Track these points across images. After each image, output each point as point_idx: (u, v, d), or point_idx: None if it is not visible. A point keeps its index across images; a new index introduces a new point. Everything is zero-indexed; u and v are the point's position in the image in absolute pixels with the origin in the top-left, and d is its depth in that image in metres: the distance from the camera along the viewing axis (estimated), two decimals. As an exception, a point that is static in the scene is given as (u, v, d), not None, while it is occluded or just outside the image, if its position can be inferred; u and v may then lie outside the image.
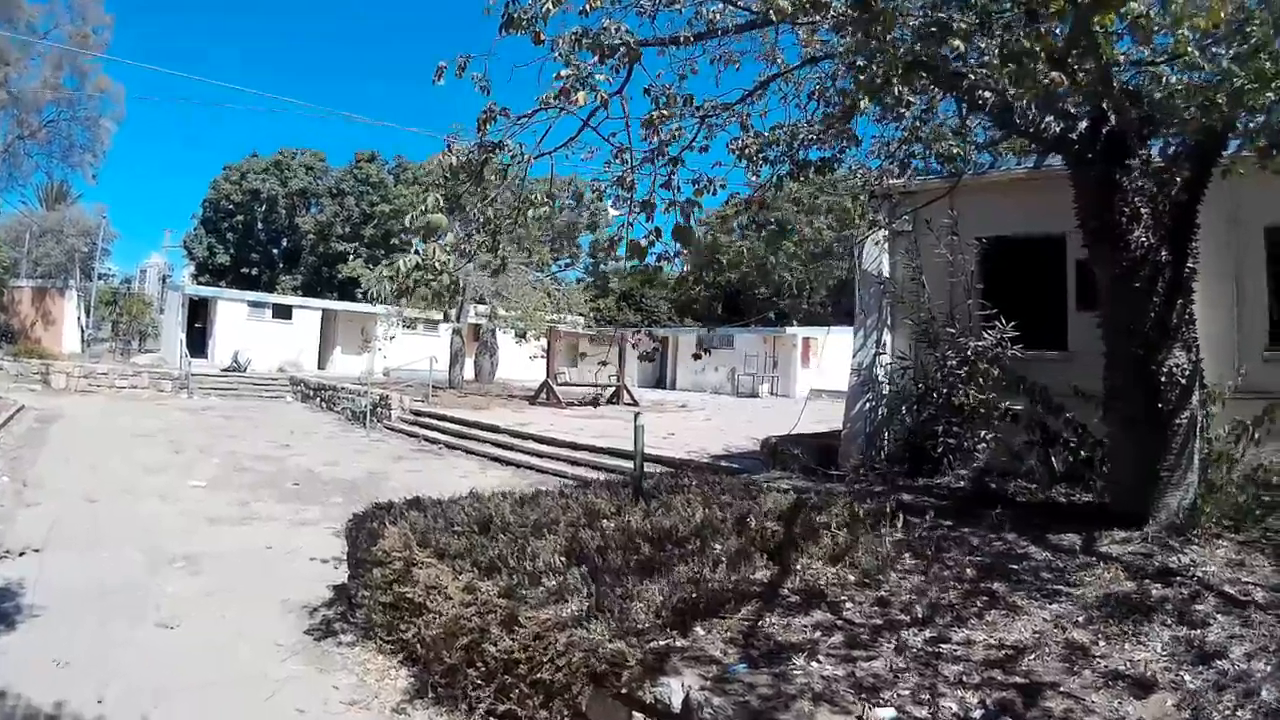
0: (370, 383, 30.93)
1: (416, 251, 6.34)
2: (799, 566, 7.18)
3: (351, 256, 60.21)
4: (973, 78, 7.58)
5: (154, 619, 8.36)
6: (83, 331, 45.04)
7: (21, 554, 10.31)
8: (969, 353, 11.92)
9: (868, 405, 14.20)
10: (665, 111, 7.55)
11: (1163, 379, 8.02)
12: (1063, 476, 10.85)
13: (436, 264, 6.14)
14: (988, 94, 7.83)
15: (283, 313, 45.63)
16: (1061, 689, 4.91)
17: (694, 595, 6.36)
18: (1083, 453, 10.56)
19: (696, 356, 11.84)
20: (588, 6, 6.50)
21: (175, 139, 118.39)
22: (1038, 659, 5.35)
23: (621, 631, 5.72)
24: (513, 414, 26.82)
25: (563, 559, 7.22)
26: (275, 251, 71.16)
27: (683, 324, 59.81)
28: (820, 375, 41.13)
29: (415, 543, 7.93)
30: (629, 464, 17.28)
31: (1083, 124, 8.19)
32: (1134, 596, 6.33)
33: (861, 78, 7.08)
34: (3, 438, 20.33)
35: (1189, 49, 6.73)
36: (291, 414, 32.03)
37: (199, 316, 44.40)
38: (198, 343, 41.51)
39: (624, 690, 5.34)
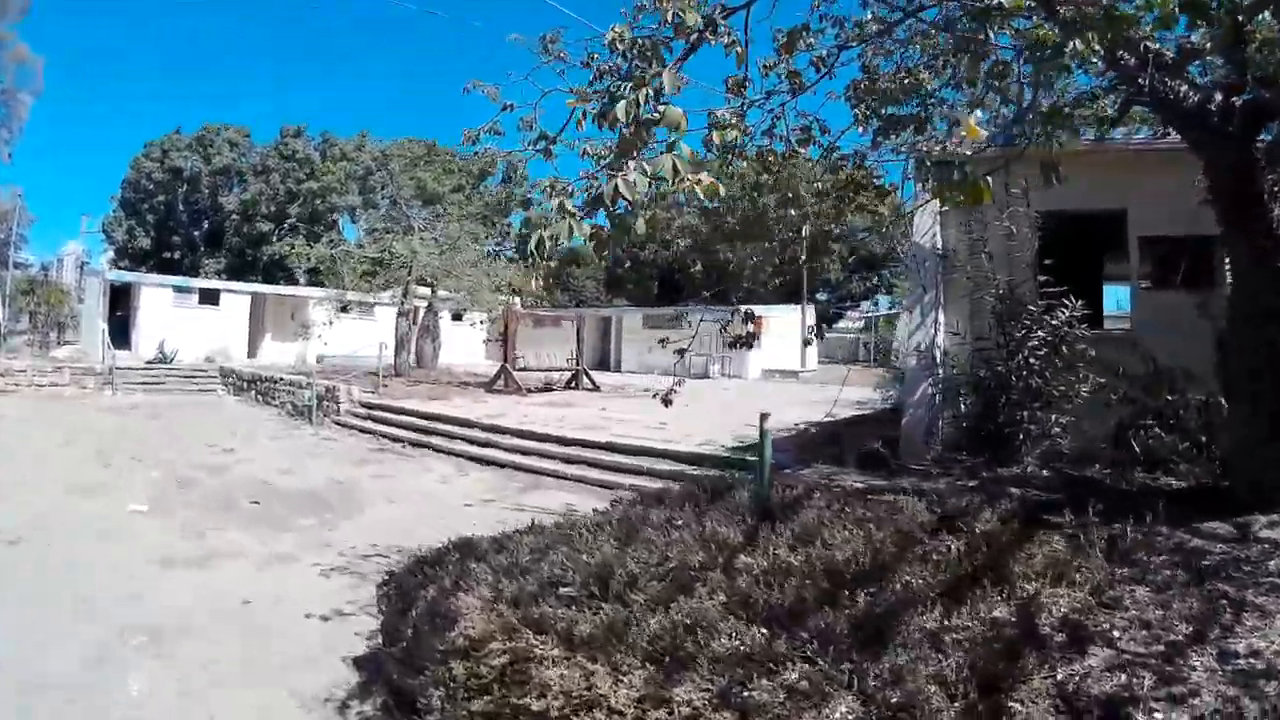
0: (311, 372, 28.34)
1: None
2: (1027, 593, 5.60)
3: (277, 235, 57.60)
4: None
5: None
6: None
7: None
8: (1047, 331, 10.97)
9: (929, 390, 12.97)
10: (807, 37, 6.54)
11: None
12: (1142, 460, 9.86)
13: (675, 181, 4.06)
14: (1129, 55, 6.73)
15: (210, 298, 42.14)
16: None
17: (970, 658, 4.75)
18: (1184, 434, 9.73)
19: (735, 345, 9.84)
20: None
21: (98, 115, 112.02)
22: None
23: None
24: (475, 404, 24.36)
25: (765, 629, 5.20)
26: (197, 233, 67.19)
27: (612, 303, 57.78)
28: (768, 356, 40.86)
29: (517, 619, 5.59)
30: (636, 460, 15.91)
31: (1218, 96, 7.41)
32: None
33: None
34: None
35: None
36: (227, 410, 28.93)
37: (121, 305, 40.82)
38: (120, 333, 37.95)
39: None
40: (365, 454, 19.38)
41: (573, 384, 31.52)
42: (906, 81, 7.87)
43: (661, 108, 4.44)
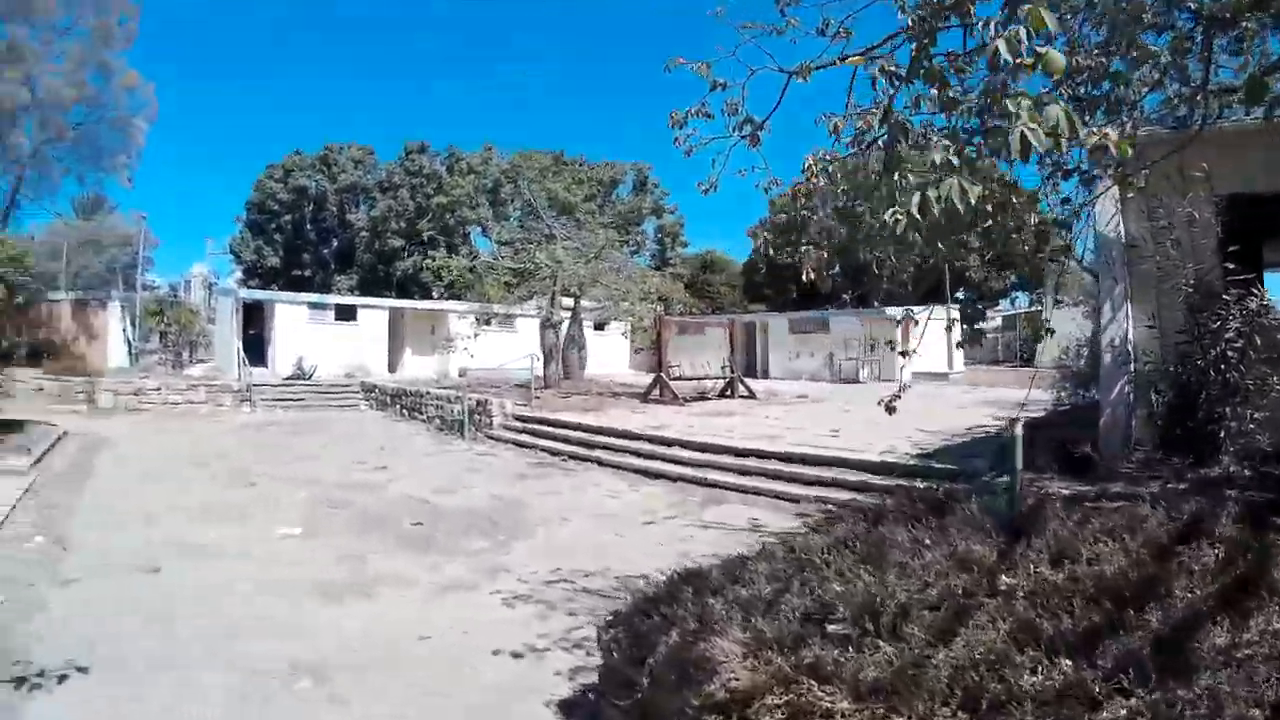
0: (460, 385, 27.76)
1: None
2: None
3: (408, 250, 58.09)
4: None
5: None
6: (129, 345, 42.29)
7: (62, 678, 6.70)
8: (1240, 321, 10.28)
9: (1125, 388, 12.23)
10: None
11: None
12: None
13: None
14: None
15: (347, 314, 42.37)
16: None
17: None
18: None
19: (905, 355, 8.89)
20: None
21: (211, 138, 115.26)
22: None
23: None
24: (633, 415, 23.35)
25: (1068, 660, 4.51)
26: (327, 251, 68.63)
27: (748, 308, 56.59)
28: (916, 358, 38.51)
29: (789, 666, 4.63)
30: (817, 471, 14.67)
31: None
32: None
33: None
34: (37, 475, 16.47)
35: None
36: (371, 425, 28.55)
37: (254, 323, 41.37)
38: (254, 350, 38.43)
39: None
40: (525, 469, 18.47)
41: (727, 392, 30.45)
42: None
43: (1042, 48, 3.82)
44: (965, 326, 50.42)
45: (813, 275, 5.78)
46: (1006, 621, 4.95)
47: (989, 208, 5.06)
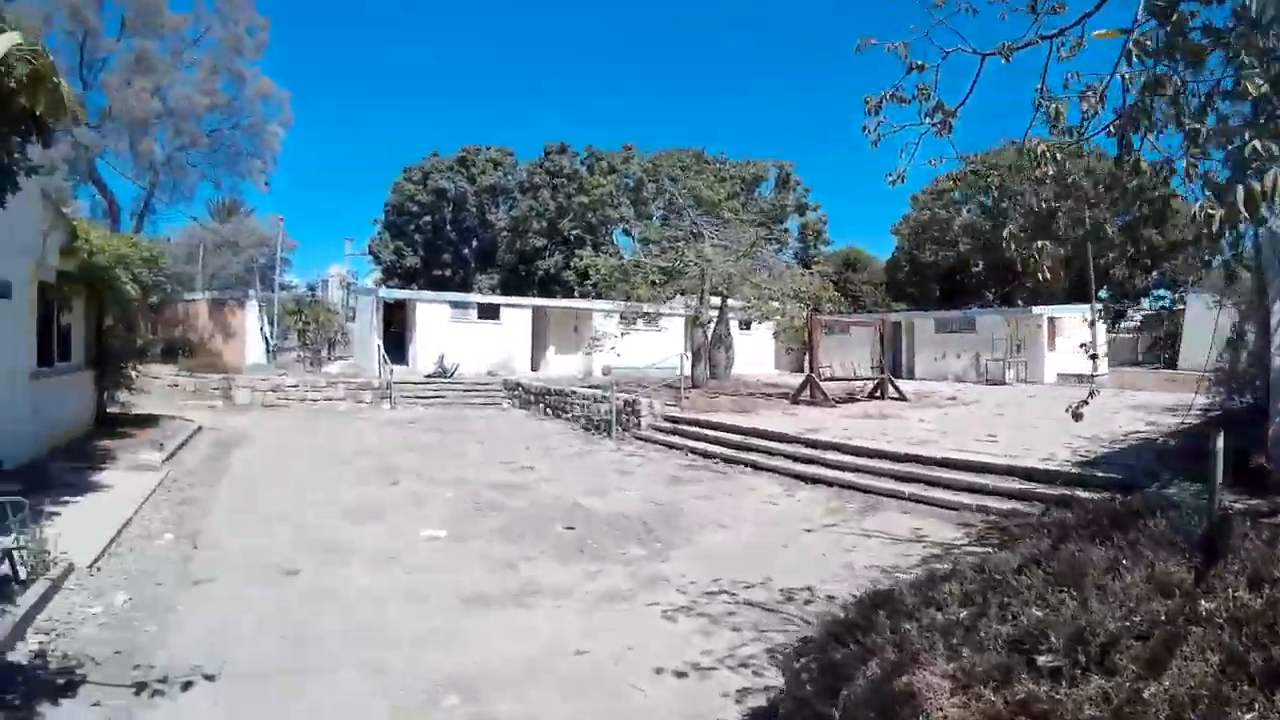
0: (607, 384, 27.41)
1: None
2: None
3: (549, 250, 58.49)
4: None
5: None
6: (267, 342, 43.82)
7: (187, 685, 6.50)
8: None
9: None
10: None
11: None
12: None
13: None
14: None
15: (489, 312, 42.88)
16: None
17: None
18: None
19: (1093, 358, 7.99)
20: None
21: (344, 142, 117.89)
22: None
23: None
24: (785, 417, 22.65)
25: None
26: (467, 251, 69.85)
27: (890, 308, 55.48)
28: (1061, 359, 38.63)
29: (1002, 704, 4.22)
30: (979, 478, 14.08)
31: None
32: None
33: None
34: (171, 470, 16.54)
35: None
36: (514, 424, 28.21)
37: (394, 321, 42.23)
38: (394, 349, 39.12)
39: None
40: (677, 471, 17.96)
41: (877, 393, 29.51)
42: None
43: None
44: (1111, 325, 48.87)
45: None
46: (1214, 652, 4.45)
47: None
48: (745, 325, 39.68)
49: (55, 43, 38.33)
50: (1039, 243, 5.07)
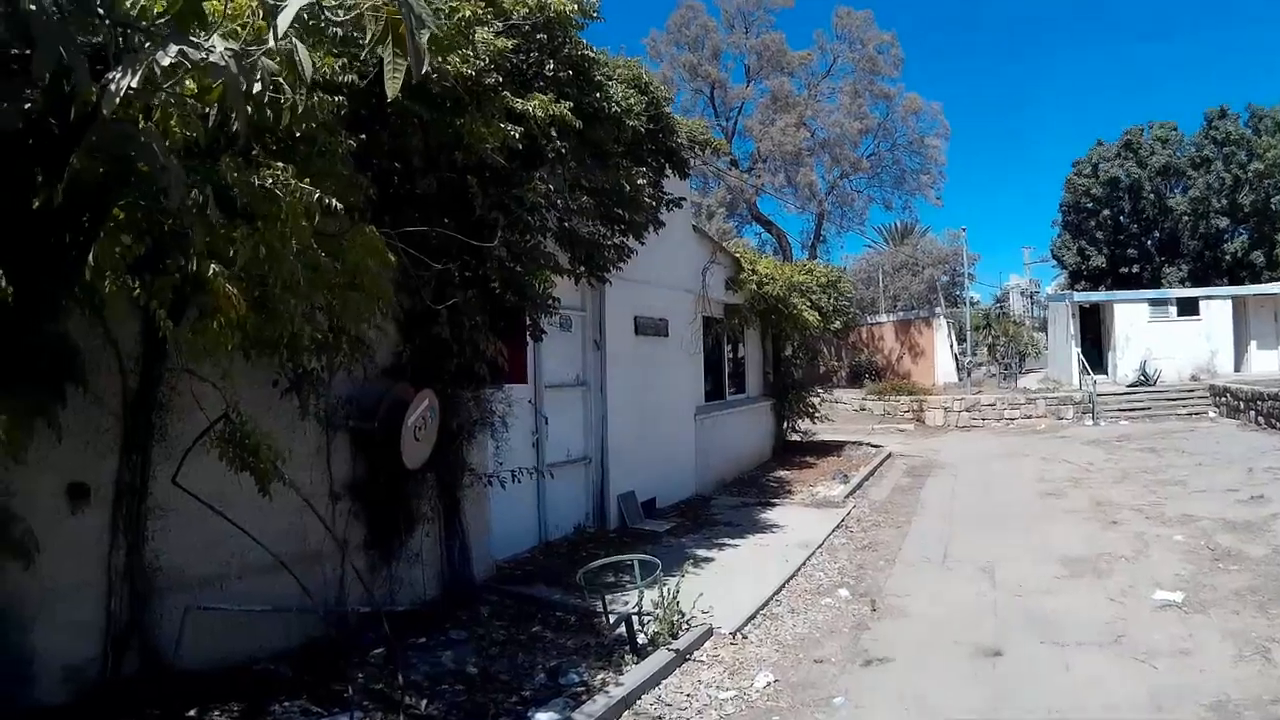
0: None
1: None
2: None
3: (1231, 230, 53.24)
4: None
5: None
6: (956, 360, 44.01)
7: None
8: None
9: None
10: None
11: None
12: None
13: None
14: None
15: (1188, 308, 39.07)
16: None
17: None
18: None
19: None
20: None
21: (1000, 146, 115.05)
22: None
23: None
24: None
25: None
26: (1149, 242, 66.07)
27: None
28: None
29: None
30: None
31: None
32: None
33: None
34: (855, 506, 15.70)
35: None
36: (1228, 438, 24.06)
37: (1088, 327, 40.53)
38: (1089, 357, 37.20)
39: None
40: None
41: None
42: None
43: None
44: None
45: None
46: None
47: None
48: None
49: (682, 98, 44.38)
50: None
